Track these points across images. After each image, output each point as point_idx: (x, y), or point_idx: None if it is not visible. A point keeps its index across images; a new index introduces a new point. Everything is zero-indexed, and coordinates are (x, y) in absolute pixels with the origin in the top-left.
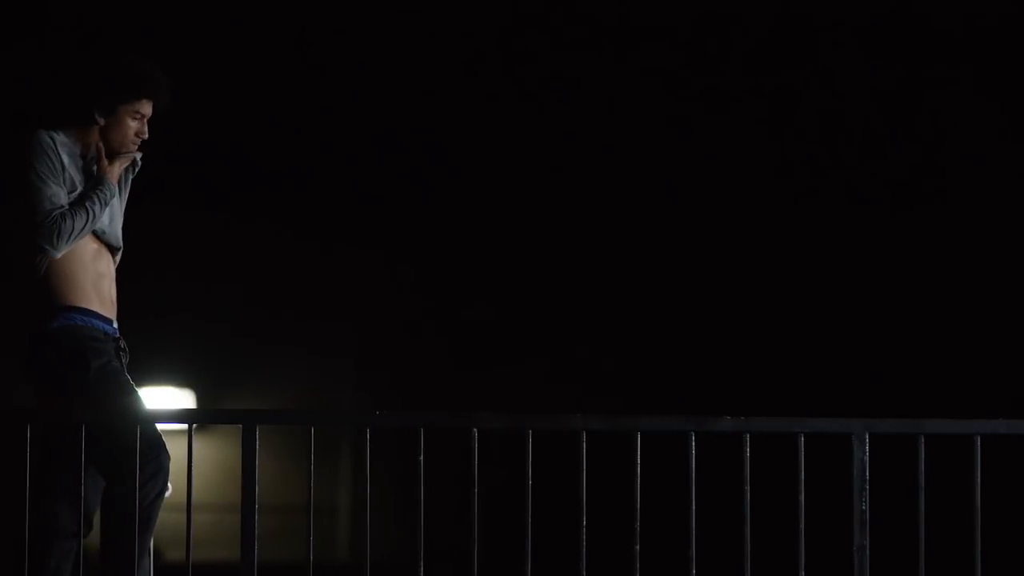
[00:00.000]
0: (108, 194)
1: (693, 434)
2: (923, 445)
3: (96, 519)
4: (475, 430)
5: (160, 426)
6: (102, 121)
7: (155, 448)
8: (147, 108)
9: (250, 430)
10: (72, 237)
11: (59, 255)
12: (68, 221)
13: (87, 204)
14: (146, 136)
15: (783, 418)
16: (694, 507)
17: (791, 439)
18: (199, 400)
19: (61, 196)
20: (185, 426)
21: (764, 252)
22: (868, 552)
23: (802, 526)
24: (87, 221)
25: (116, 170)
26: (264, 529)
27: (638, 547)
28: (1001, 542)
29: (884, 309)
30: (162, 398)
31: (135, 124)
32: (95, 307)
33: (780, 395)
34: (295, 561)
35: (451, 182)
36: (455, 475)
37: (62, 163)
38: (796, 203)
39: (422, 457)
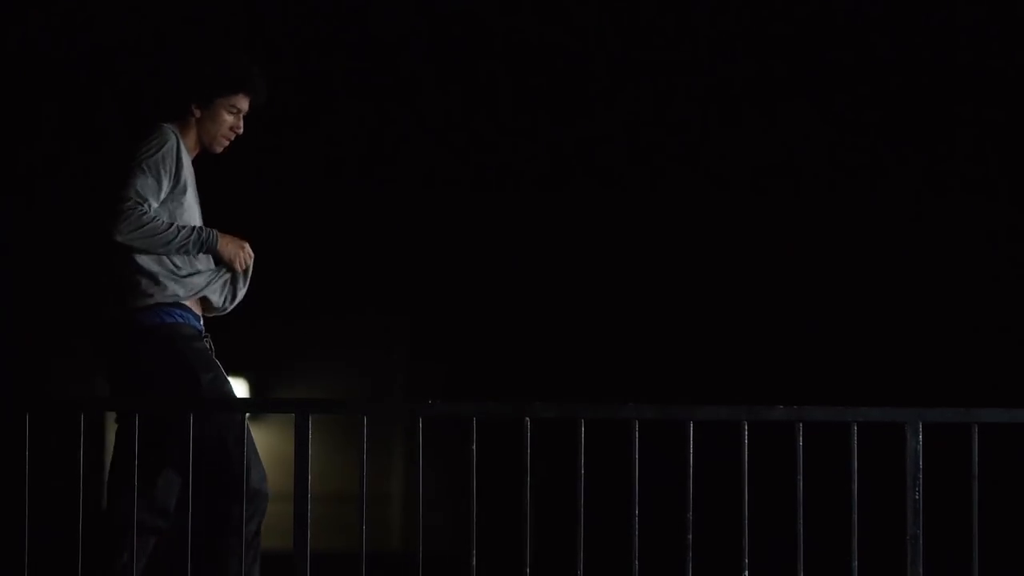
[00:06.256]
0: (199, 250)
1: (746, 423)
2: (977, 434)
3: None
4: (527, 419)
5: None
6: (198, 113)
7: (260, 478)
8: (244, 103)
9: (303, 419)
10: (140, 235)
11: (116, 240)
12: (145, 219)
13: (182, 234)
14: (240, 131)
15: (836, 407)
16: (747, 496)
17: (844, 428)
18: (252, 388)
19: (152, 191)
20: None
21: (815, 242)
22: (921, 541)
23: (855, 515)
24: (165, 240)
25: (227, 256)
26: (316, 518)
27: (691, 536)
28: None
29: (936, 297)
30: None
31: (230, 119)
32: (189, 303)
33: (831, 384)
34: (347, 549)
35: (499, 174)
36: (508, 464)
37: (178, 164)
38: (847, 193)
39: (475, 446)
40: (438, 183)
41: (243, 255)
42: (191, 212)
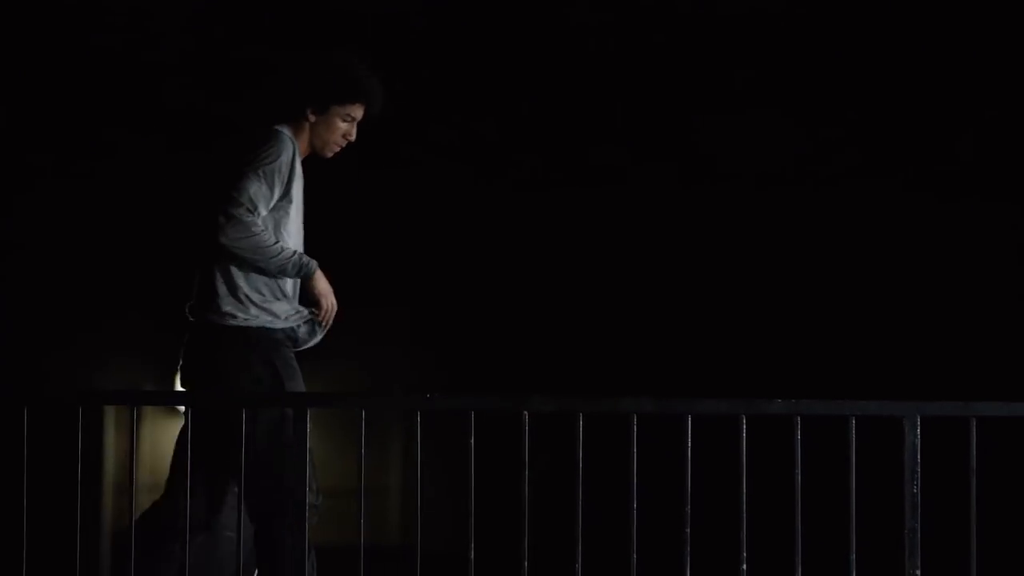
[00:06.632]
0: (296, 273)
1: (744, 417)
2: (975, 428)
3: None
4: (526, 413)
5: None
6: (313, 118)
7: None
8: (359, 112)
9: (301, 413)
10: (245, 244)
11: (220, 243)
12: (254, 229)
13: (284, 254)
14: (352, 139)
15: (834, 401)
16: (745, 489)
17: (842, 422)
18: None
19: (264, 199)
20: None
21: (814, 236)
22: (919, 535)
23: (853, 508)
24: (268, 256)
25: (318, 290)
26: None
27: (688, 530)
28: None
29: (934, 292)
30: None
31: (344, 126)
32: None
33: (830, 378)
34: (346, 543)
35: (498, 168)
36: (506, 458)
37: (291, 175)
38: (850, 187)
39: (472, 440)
40: (436, 177)
41: (331, 296)
42: (294, 224)
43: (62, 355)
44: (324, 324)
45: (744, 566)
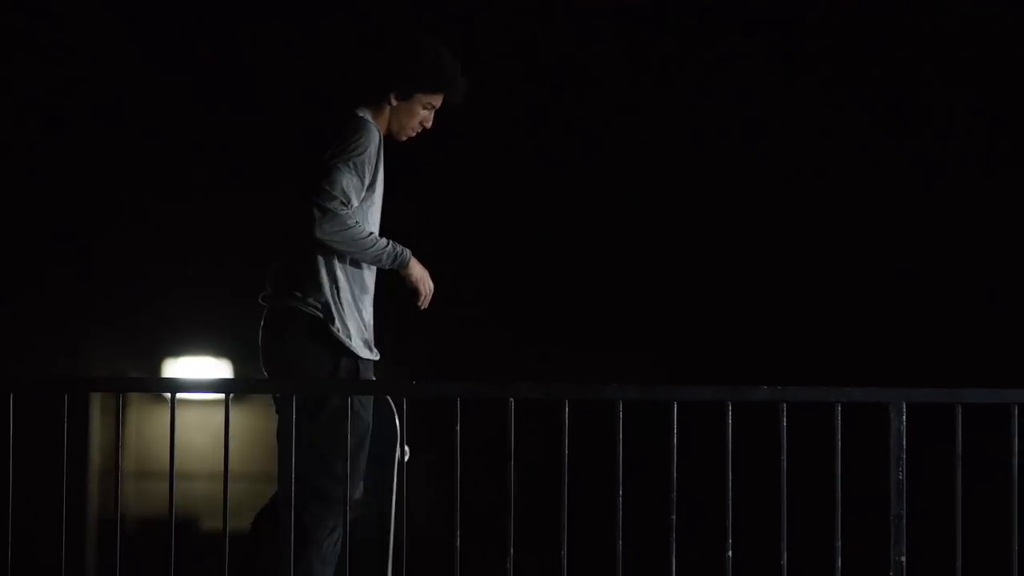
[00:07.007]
0: (392, 263)
1: (730, 404)
2: (960, 414)
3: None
4: (512, 400)
5: (197, 396)
6: (395, 102)
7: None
8: (439, 101)
9: (288, 399)
10: (340, 238)
11: (316, 237)
12: (349, 222)
13: (379, 244)
14: (428, 126)
15: (820, 387)
16: (731, 477)
17: (828, 409)
18: (236, 370)
19: (356, 191)
20: (222, 396)
21: (801, 223)
22: (905, 521)
23: (839, 495)
24: (362, 247)
25: (415, 277)
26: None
27: (674, 516)
28: None
29: (920, 279)
30: (199, 368)
31: (424, 113)
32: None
33: (816, 365)
34: None
35: (485, 155)
36: (492, 446)
37: (377, 163)
38: (836, 177)
39: (459, 427)
40: (429, 169)
41: (428, 279)
42: (378, 212)
43: (48, 342)
44: (423, 307)
45: (730, 552)
